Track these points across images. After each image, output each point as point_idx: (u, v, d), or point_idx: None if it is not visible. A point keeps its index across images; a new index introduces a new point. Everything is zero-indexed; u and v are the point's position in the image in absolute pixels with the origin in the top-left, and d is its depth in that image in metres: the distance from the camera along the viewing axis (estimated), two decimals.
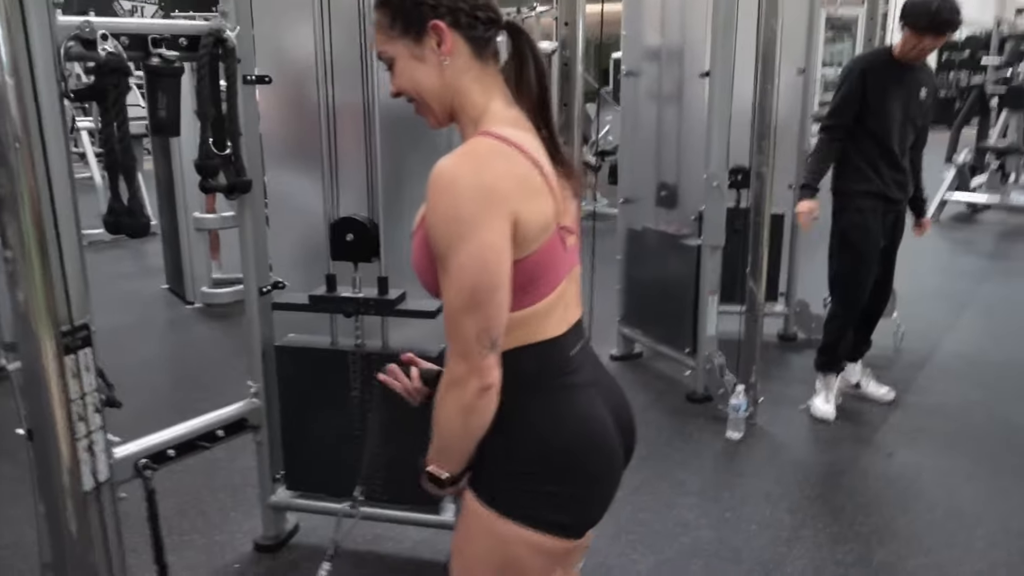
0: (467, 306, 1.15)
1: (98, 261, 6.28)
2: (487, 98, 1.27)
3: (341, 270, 2.30)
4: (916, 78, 3.27)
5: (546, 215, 1.21)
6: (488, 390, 1.18)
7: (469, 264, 1.14)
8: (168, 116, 1.99)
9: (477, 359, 1.16)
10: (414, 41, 1.24)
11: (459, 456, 1.26)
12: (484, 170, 1.16)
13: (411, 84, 1.27)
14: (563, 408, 1.29)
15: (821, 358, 3.62)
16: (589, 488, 1.30)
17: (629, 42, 4.01)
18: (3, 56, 1.38)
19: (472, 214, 1.13)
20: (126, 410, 3.58)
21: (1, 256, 1.40)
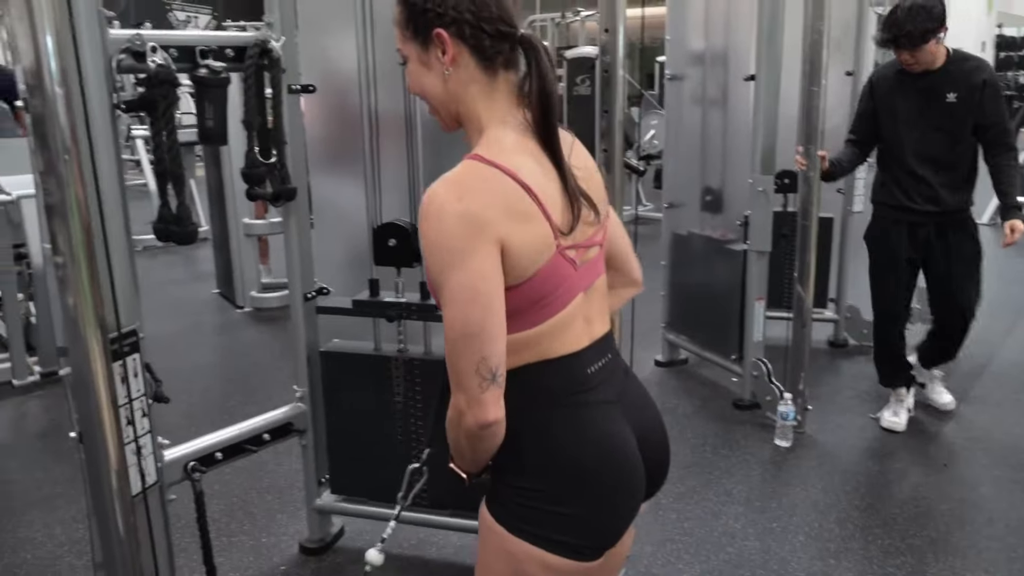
0: (462, 338, 1.14)
1: (151, 266, 6.44)
2: (491, 112, 1.24)
3: (384, 275, 2.33)
4: (935, 83, 3.09)
5: (540, 239, 1.18)
6: (489, 425, 1.16)
7: (460, 294, 1.13)
8: (215, 126, 2.02)
9: (476, 392, 1.14)
10: (422, 46, 1.24)
11: (473, 465, 1.27)
12: (468, 198, 1.13)
13: (418, 87, 1.28)
14: (577, 426, 1.26)
15: (877, 372, 3.54)
16: (600, 510, 1.26)
17: (673, 46, 3.97)
18: (53, 67, 1.42)
19: (459, 241, 1.12)
20: (177, 412, 3.68)
21: (52, 262, 1.44)
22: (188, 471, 2.10)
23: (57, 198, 1.42)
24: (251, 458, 2.45)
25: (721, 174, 3.78)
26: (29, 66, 1.42)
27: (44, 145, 1.42)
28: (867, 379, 3.98)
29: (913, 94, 3.14)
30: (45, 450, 3.38)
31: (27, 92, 1.44)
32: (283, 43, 2.16)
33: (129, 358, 1.49)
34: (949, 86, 3.07)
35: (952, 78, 3.08)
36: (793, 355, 3.43)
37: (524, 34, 1.23)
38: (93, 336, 1.42)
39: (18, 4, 1.40)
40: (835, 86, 4.06)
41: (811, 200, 3.33)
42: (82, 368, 1.44)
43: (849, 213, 4.29)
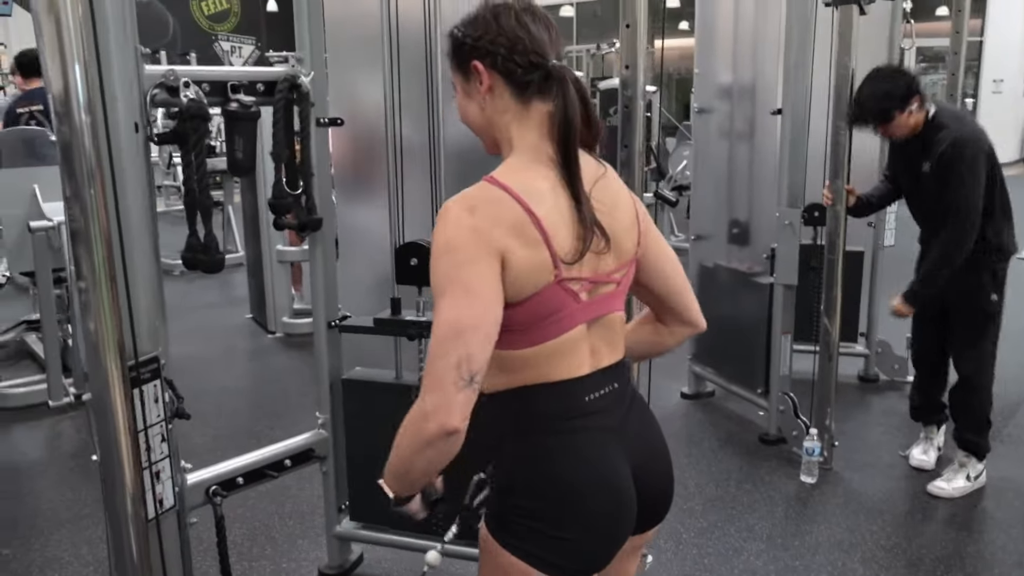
0: (452, 334, 1.16)
1: (188, 291, 6.56)
2: (522, 139, 1.29)
3: (406, 296, 2.36)
4: (915, 150, 3.02)
5: (538, 265, 1.21)
6: (451, 434, 1.15)
7: (458, 293, 1.18)
8: (244, 157, 2.08)
9: (451, 391, 1.14)
10: (464, 77, 1.32)
11: (408, 482, 1.27)
12: (478, 213, 1.20)
13: (463, 115, 1.36)
14: (568, 450, 1.29)
15: (910, 406, 3.47)
16: (586, 533, 1.29)
17: (701, 79, 4.00)
18: (80, 95, 1.47)
19: (464, 249, 1.18)
20: (205, 436, 3.74)
21: (76, 287, 1.49)
22: (210, 495, 2.13)
23: (81, 224, 1.47)
24: (275, 483, 2.49)
25: (748, 207, 3.78)
26: (58, 94, 1.48)
27: (71, 172, 1.48)
28: (897, 415, 3.92)
29: (903, 155, 3.13)
30: (76, 470, 3.45)
31: (56, 119, 1.51)
32: (312, 78, 2.22)
33: (149, 384, 1.53)
34: (924, 155, 2.99)
35: (925, 147, 2.99)
36: (819, 389, 3.40)
37: (554, 64, 1.28)
38: (113, 362, 1.47)
39: (49, 33, 1.46)
40: None
41: (838, 234, 3.31)
42: (102, 393, 1.48)
43: (880, 247, 4.25)
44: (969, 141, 2.90)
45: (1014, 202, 3.06)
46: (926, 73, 15.73)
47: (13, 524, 3.05)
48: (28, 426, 3.98)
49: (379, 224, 2.42)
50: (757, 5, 3.64)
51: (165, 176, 9.84)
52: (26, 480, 3.41)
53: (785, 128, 3.33)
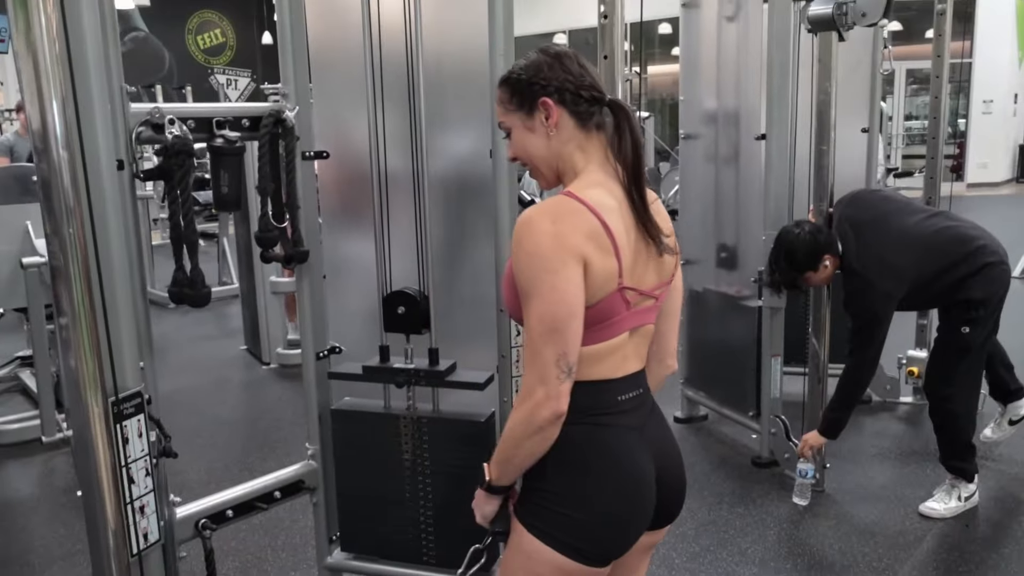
0: (547, 332, 1.31)
1: (182, 323, 6.58)
2: (585, 163, 1.45)
3: (395, 339, 2.37)
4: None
5: (609, 272, 1.35)
6: (559, 417, 1.33)
7: (550, 294, 1.31)
8: (230, 192, 2.11)
9: (555, 384, 1.31)
10: (527, 114, 1.45)
11: (511, 470, 1.42)
12: (560, 221, 1.34)
13: (523, 151, 1.48)
14: (599, 441, 1.42)
15: None
16: (608, 521, 1.41)
17: (687, 106, 4.05)
18: (58, 132, 1.49)
19: (552, 254, 1.31)
20: (199, 468, 3.74)
21: (57, 323, 1.50)
22: (199, 528, 2.13)
23: (60, 260, 1.48)
24: (267, 515, 2.49)
25: (735, 231, 3.81)
26: (37, 130, 1.50)
27: (50, 208, 1.50)
28: (890, 436, 3.94)
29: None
30: (68, 506, 3.45)
31: (36, 156, 1.53)
32: (297, 112, 2.26)
33: (132, 419, 1.54)
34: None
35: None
36: (810, 411, 3.40)
37: (613, 98, 1.46)
38: (93, 398, 1.48)
39: (27, 71, 1.49)
40: (850, 143, 4.10)
41: None
42: (83, 429, 1.49)
43: None
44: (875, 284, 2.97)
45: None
46: (916, 95, 15.89)
47: (6, 560, 3.04)
48: (21, 462, 3.97)
49: (364, 260, 2.44)
50: (739, 32, 3.70)
51: (160, 209, 9.89)
52: (19, 516, 3.41)
53: (770, 153, 3.37)
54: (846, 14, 3.02)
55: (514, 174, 2.26)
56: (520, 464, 1.41)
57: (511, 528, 1.48)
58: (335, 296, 2.55)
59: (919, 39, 13.51)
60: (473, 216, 2.38)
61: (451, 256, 2.42)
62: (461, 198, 2.40)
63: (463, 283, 2.44)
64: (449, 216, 2.39)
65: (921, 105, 15.84)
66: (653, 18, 12.30)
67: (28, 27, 1.46)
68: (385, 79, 2.31)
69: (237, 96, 11.08)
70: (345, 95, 2.42)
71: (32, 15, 1.46)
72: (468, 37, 2.26)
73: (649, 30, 13.29)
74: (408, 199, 2.36)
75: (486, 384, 2.28)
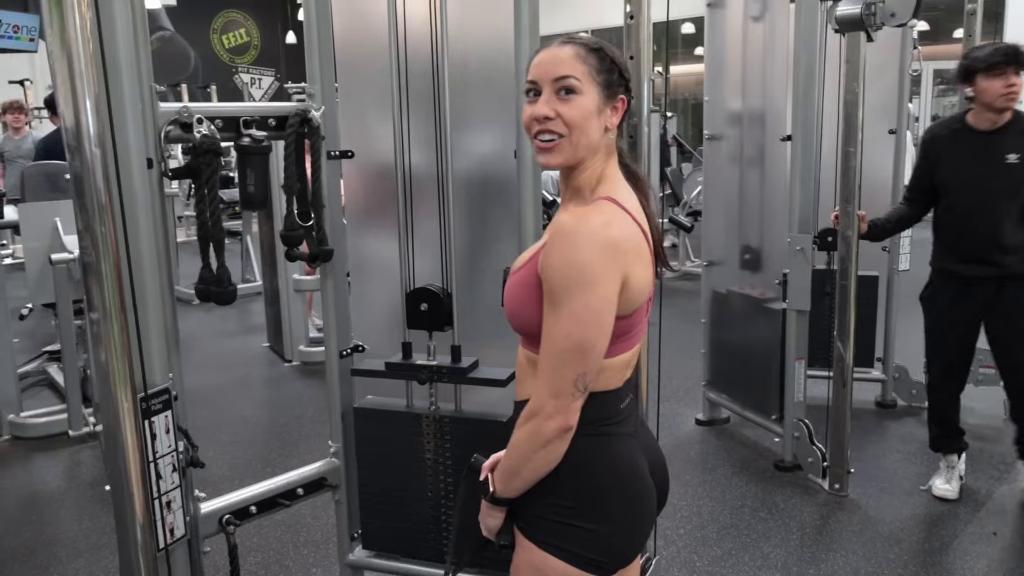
0: (573, 351, 1.26)
1: (207, 319, 6.64)
2: (613, 170, 1.42)
3: (417, 336, 2.38)
4: (994, 143, 3.01)
5: (645, 283, 1.34)
6: (568, 431, 1.30)
7: (583, 313, 1.26)
8: (257, 191, 2.12)
9: (567, 400, 1.28)
10: (604, 99, 1.37)
11: (518, 483, 1.37)
12: (610, 227, 1.29)
13: (576, 121, 1.35)
14: (607, 452, 1.39)
15: (929, 435, 3.42)
16: (621, 528, 1.39)
17: (711, 106, 4.03)
18: (91, 129, 1.51)
19: (594, 264, 1.25)
20: (222, 464, 3.77)
21: (88, 318, 1.52)
22: (223, 524, 2.15)
23: (92, 256, 1.50)
24: (289, 511, 2.50)
25: (760, 233, 3.79)
26: (70, 127, 1.52)
27: (82, 204, 1.51)
28: (915, 441, 3.89)
29: (971, 153, 3.06)
30: (94, 499, 3.49)
31: (69, 153, 1.55)
32: (323, 111, 2.27)
33: (160, 415, 1.56)
34: (1010, 147, 2.99)
35: (1013, 138, 3.00)
36: (834, 415, 3.38)
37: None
38: (123, 393, 1.49)
39: (62, 69, 1.51)
40: (878, 144, 4.06)
41: (850, 259, 3.30)
42: (112, 424, 1.51)
43: (895, 271, 4.23)
44: None
45: None
46: (944, 95, 15.69)
47: (33, 552, 3.08)
48: (48, 455, 4.03)
49: (388, 258, 2.45)
50: (765, 32, 3.67)
51: (185, 207, 9.97)
52: (46, 509, 3.45)
53: (796, 154, 3.35)
54: (875, 14, 2.99)
55: (539, 175, 2.26)
56: (527, 478, 1.36)
57: (516, 546, 1.43)
58: (358, 294, 2.56)
59: (946, 39, 13.36)
60: (496, 216, 2.38)
61: (474, 255, 2.42)
62: (484, 198, 2.40)
63: (485, 282, 2.44)
64: (472, 215, 2.39)
65: (948, 106, 15.64)
66: (677, 18, 12.25)
67: (63, 26, 1.48)
68: (410, 79, 2.31)
69: (261, 95, 11.12)
70: (370, 95, 2.43)
71: (67, 14, 1.48)
72: (493, 37, 2.26)
73: (672, 29, 13.24)
74: (432, 198, 2.37)
75: (508, 381, 2.28)
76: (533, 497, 1.38)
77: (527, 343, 1.42)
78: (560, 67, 1.34)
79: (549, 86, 1.35)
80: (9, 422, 4.22)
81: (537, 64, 1.37)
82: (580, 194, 1.39)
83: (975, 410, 4.22)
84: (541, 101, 1.35)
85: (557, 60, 1.35)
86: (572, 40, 1.38)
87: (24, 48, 7.45)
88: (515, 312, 1.40)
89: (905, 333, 4.27)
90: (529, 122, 1.37)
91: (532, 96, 1.37)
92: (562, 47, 1.37)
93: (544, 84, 1.35)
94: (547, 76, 1.35)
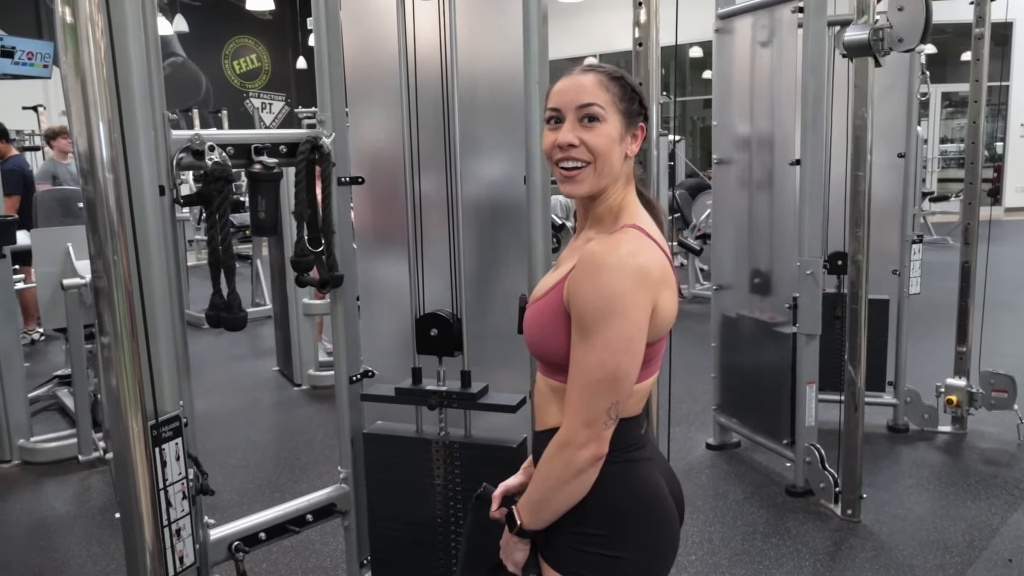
0: (607, 380, 1.26)
1: (216, 343, 6.65)
2: (631, 198, 1.43)
3: (427, 361, 2.38)
4: None
5: (671, 310, 1.34)
6: (600, 460, 1.30)
7: (617, 342, 1.26)
8: (267, 218, 2.14)
9: (600, 429, 1.28)
10: (625, 126, 1.39)
11: (547, 515, 1.36)
12: (640, 254, 1.29)
13: (601, 149, 1.36)
14: (634, 478, 1.40)
15: None
16: (653, 554, 1.39)
17: (720, 131, 4.04)
18: (104, 154, 1.52)
19: (626, 294, 1.26)
20: (231, 490, 3.76)
21: (99, 343, 1.52)
22: (232, 551, 2.14)
23: (104, 282, 1.51)
24: (298, 538, 2.49)
25: (769, 256, 3.78)
26: (84, 152, 1.54)
27: (94, 230, 1.53)
28: (928, 467, 3.86)
29: None
30: (104, 525, 3.48)
31: (82, 178, 1.56)
32: (333, 139, 2.29)
33: (171, 443, 1.56)
34: None
35: None
36: (845, 440, 3.35)
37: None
38: (134, 420, 1.50)
39: (75, 93, 1.52)
40: (886, 168, 4.06)
41: (860, 283, 3.29)
42: (122, 450, 1.51)
43: (905, 295, 4.22)
44: None
45: None
46: (952, 118, 15.71)
47: None
48: (58, 480, 4.03)
49: (398, 283, 2.46)
50: (772, 57, 3.69)
51: (196, 231, 10.02)
52: (55, 534, 3.45)
53: (804, 178, 3.35)
54: (883, 40, 3.00)
55: (548, 200, 2.27)
56: (557, 509, 1.35)
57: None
58: (368, 319, 2.57)
59: (955, 62, 13.40)
60: (506, 241, 2.38)
61: (483, 280, 2.43)
62: (494, 223, 2.40)
63: (495, 307, 2.45)
64: (482, 241, 2.40)
65: (956, 128, 15.66)
66: (685, 42, 12.32)
67: (77, 54, 1.50)
68: (420, 104, 2.33)
69: (271, 119, 11.20)
70: (380, 120, 2.45)
71: (81, 41, 1.50)
72: (503, 62, 2.28)
73: (679, 53, 13.31)
74: (442, 223, 2.38)
75: (518, 407, 2.28)
76: (560, 527, 1.38)
77: (549, 371, 1.41)
78: (584, 95, 1.35)
79: (573, 113, 1.35)
80: (19, 447, 4.23)
81: (559, 91, 1.37)
82: (601, 222, 1.40)
83: (988, 435, 4.19)
84: (565, 128, 1.35)
85: (580, 88, 1.35)
86: (593, 68, 1.39)
87: (38, 75, 7.55)
88: (538, 340, 1.40)
89: (916, 357, 4.25)
90: (551, 149, 1.37)
91: (553, 123, 1.37)
92: (584, 75, 1.37)
93: (567, 111, 1.35)
94: (571, 104, 1.35)
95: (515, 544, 1.42)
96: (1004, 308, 6.21)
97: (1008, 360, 4.67)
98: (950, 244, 10.38)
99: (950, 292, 4.36)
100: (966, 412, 4.18)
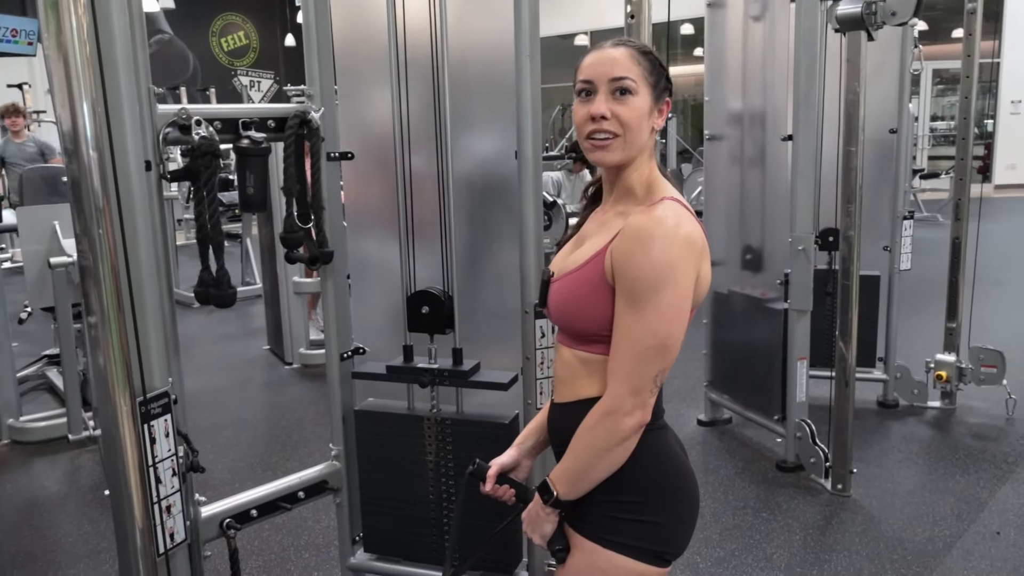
0: (658, 347, 1.29)
1: (206, 323, 6.63)
2: (656, 167, 1.45)
3: (418, 339, 2.37)
4: None
5: (708, 280, 1.37)
6: (642, 427, 1.33)
7: (668, 311, 1.29)
8: (256, 193, 2.11)
9: (647, 396, 1.31)
10: (654, 100, 1.41)
11: (585, 484, 1.38)
12: (684, 225, 1.32)
13: (632, 121, 1.38)
14: (663, 446, 1.44)
15: None
16: (686, 520, 1.46)
17: (711, 106, 4.02)
18: (88, 132, 1.49)
19: (681, 262, 1.29)
20: (222, 468, 3.76)
21: (86, 322, 1.50)
22: (224, 528, 2.14)
23: (90, 260, 1.49)
24: (290, 515, 2.49)
25: (761, 233, 3.78)
26: (67, 131, 1.51)
27: (80, 208, 1.50)
28: (917, 441, 3.88)
29: None
30: (94, 504, 3.48)
31: (66, 157, 1.54)
32: (322, 113, 2.26)
33: (160, 419, 1.55)
34: None
35: None
36: (836, 415, 3.37)
37: None
38: (122, 397, 1.48)
39: (58, 72, 1.50)
40: (878, 144, 4.05)
41: (851, 259, 3.30)
42: (111, 428, 1.50)
43: (896, 271, 4.22)
44: None
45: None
46: (943, 95, 15.71)
47: (32, 558, 3.07)
48: (48, 459, 4.01)
49: (389, 260, 2.44)
50: (765, 32, 3.67)
51: (185, 210, 9.97)
52: (45, 513, 3.44)
53: (796, 154, 3.34)
54: (875, 13, 2.98)
55: (540, 176, 2.25)
56: (596, 478, 1.36)
57: (572, 548, 1.43)
58: (359, 296, 2.55)
59: (946, 38, 13.36)
60: (498, 217, 2.37)
61: (475, 257, 2.41)
62: (485, 199, 2.39)
63: (487, 284, 2.43)
64: (473, 217, 2.38)
65: (947, 105, 15.66)
66: (677, 18, 12.26)
67: (59, 29, 1.47)
68: (410, 80, 2.30)
69: (260, 97, 11.13)
70: (370, 96, 2.42)
71: (63, 17, 1.47)
72: (493, 37, 2.25)
73: (672, 30, 13.25)
74: (432, 200, 2.36)
75: (510, 384, 2.27)
76: (591, 497, 1.39)
77: (577, 343, 1.42)
78: (616, 68, 1.37)
79: (605, 86, 1.37)
80: (8, 426, 4.21)
81: (592, 64, 1.39)
82: (632, 193, 1.42)
83: (977, 410, 4.22)
84: (599, 100, 1.37)
85: (613, 61, 1.38)
86: (624, 42, 1.41)
87: (23, 52, 7.44)
88: (572, 312, 1.41)
89: (906, 333, 4.26)
90: (583, 121, 1.39)
91: (584, 96, 1.39)
92: (616, 48, 1.40)
93: (600, 84, 1.37)
94: (603, 76, 1.37)
95: (547, 516, 1.42)
96: (993, 284, 6.24)
97: (997, 336, 4.69)
98: (940, 221, 10.41)
99: (940, 269, 4.38)
100: (955, 387, 4.21)
